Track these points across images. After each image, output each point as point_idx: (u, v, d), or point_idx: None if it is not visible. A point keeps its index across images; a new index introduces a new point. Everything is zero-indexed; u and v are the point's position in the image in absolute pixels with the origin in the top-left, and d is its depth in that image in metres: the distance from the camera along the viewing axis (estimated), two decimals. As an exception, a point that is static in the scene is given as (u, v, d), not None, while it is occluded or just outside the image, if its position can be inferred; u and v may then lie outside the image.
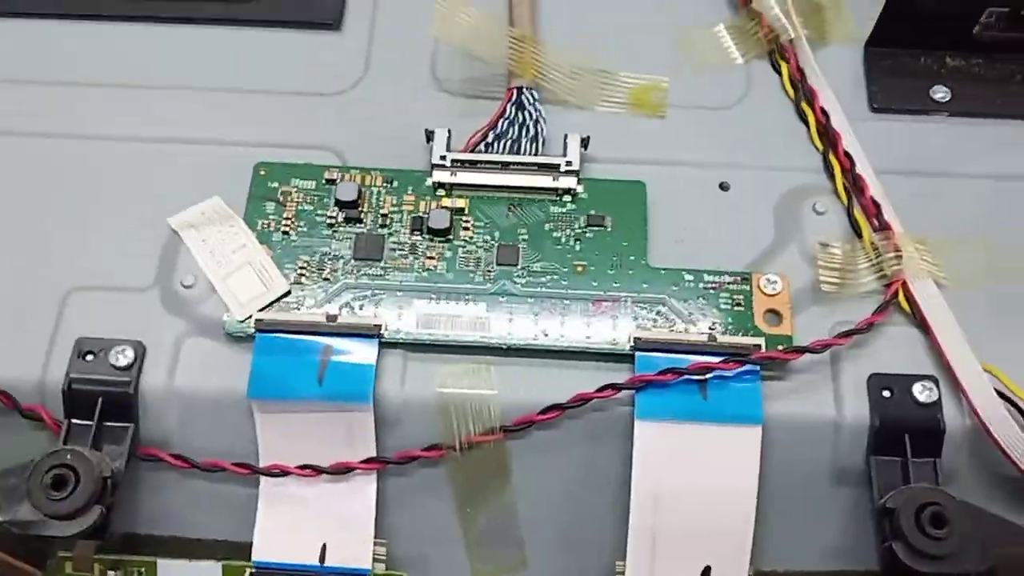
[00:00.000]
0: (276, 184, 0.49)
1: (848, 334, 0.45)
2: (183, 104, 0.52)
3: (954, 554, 0.40)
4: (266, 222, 0.48)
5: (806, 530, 0.46)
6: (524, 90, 0.51)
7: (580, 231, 0.48)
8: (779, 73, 0.54)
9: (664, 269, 0.47)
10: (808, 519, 0.46)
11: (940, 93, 0.53)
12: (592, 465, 0.46)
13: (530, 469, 0.46)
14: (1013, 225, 0.50)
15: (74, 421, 0.43)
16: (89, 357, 0.44)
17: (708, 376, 0.44)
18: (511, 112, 0.51)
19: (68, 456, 0.40)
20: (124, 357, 0.44)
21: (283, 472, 0.45)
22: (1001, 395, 0.44)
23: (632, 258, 0.48)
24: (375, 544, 0.45)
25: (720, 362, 0.44)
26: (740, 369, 0.44)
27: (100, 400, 0.44)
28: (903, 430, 0.44)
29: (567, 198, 0.49)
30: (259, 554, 0.44)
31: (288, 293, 0.46)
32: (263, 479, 0.45)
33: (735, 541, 0.44)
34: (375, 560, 0.45)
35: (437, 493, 0.46)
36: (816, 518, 0.46)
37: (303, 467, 0.45)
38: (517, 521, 0.46)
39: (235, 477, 0.45)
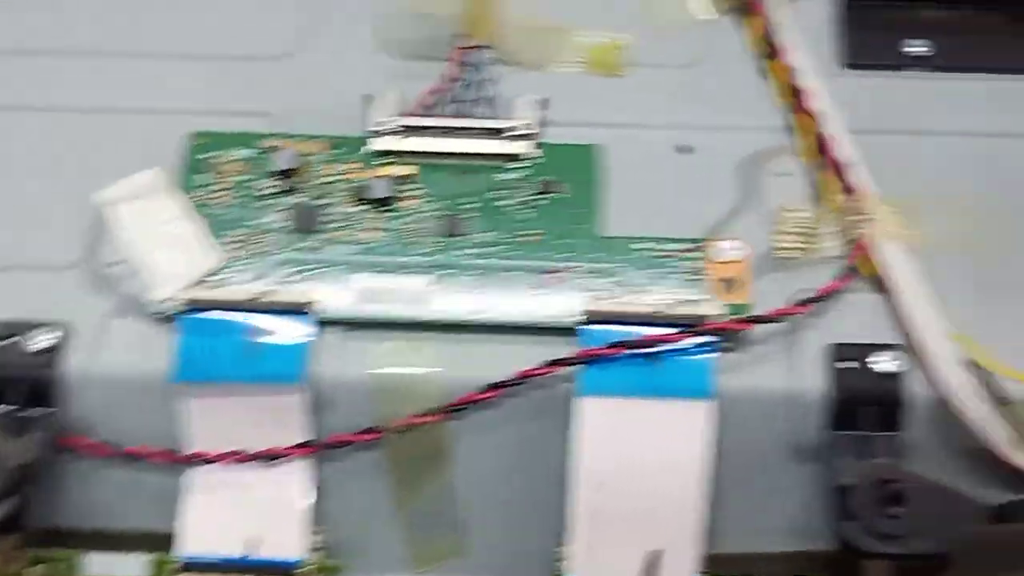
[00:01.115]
0: (211, 154, 0.47)
1: (807, 302, 0.43)
2: (113, 72, 0.50)
3: (911, 534, 0.37)
4: (200, 194, 0.46)
5: (765, 510, 0.43)
6: (474, 50, 0.49)
7: (532, 198, 0.46)
8: (745, 28, 0.51)
9: (618, 237, 0.45)
10: (766, 498, 0.43)
11: (918, 47, 0.50)
12: (538, 445, 0.43)
13: (472, 450, 0.43)
14: (993, 184, 0.47)
15: (-8, 408, 0.42)
16: (8, 340, 0.42)
17: (658, 349, 0.42)
18: (460, 73, 0.48)
19: (-25, 447, 0.38)
20: (46, 339, 0.42)
21: (210, 458, 0.43)
22: (971, 365, 0.41)
23: (585, 226, 0.45)
24: (312, 532, 0.43)
25: (671, 334, 0.42)
26: (692, 341, 0.42)
27: (20, 385, 0.42)
28: (864, 402, 0.42)
29: (519, 164, 0.47)
30: (186, 547, 0.42)
31: (220, 269, 0.44)
32: (190, 468, 0.43)
33: (686, 523, 0.42)
34: (312, 549, 0.43)
35: (377, 477, 0.44)
36: (775, 497, 0.43)
37: (232, 453, 0.43)
38: (459, 505, 0.44)
39: (163, 464, 0.43)
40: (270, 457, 0.43)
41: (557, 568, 0.42)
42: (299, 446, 0.43)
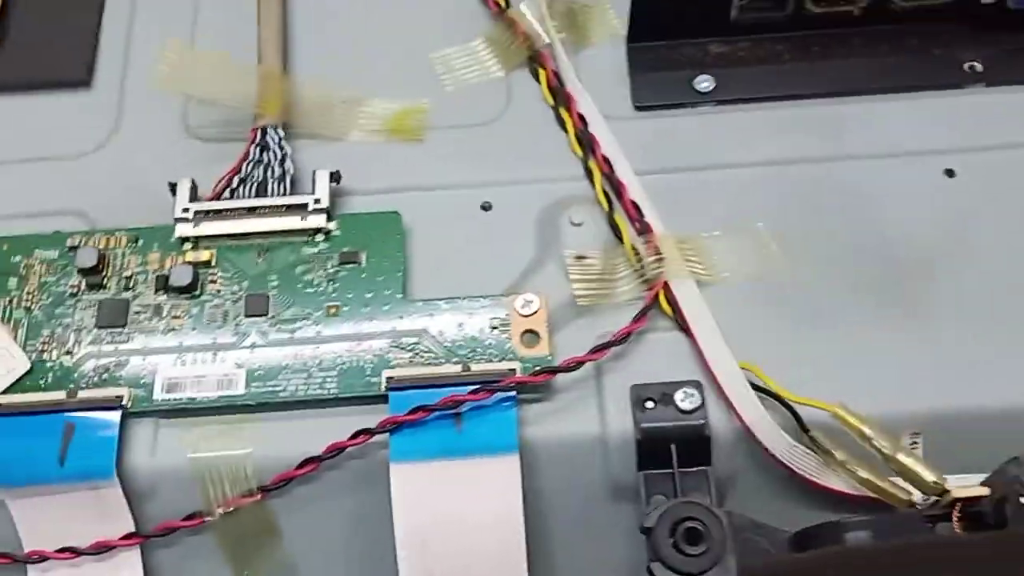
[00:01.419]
0: (19, 257, 0.47)
1: (603, 347, 0.44)
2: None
3: (710, 569, 0.39)
4: (8, 299, 0.46)
5: (590, 552, 0.45)
6: (268, 129, 0.49)
7: (333, 271, 0.47)
8: (539, 82, 0.52)
9: (421, 301, 0.46)
10: (591, 541, 0.45)
11: (704, 82, 0.52)
12: (363, 514, 0.44)
13: (301, 525, 0.44)
14: (784, 210, 0.49)
15: None
16: None
17: (462, 408, 0.43)
18: (255, 154, 0.49)
19: None
20: None
21: (43, 557, 0.43)
22: (763, 390, 0.43)
23: (388, 292, 0.46)
24: (149, 619, 0.44)
25: (471, 392, 0.43)
26: (495, 397, 0.43)
27: None
28: (668, 440, 0.43)
29: (319, 237, 0.47)
30: (30, 647, 0.43)
31: (30, 371, 0.45)
32: (29, 567, 0.43)
33: (511, 573, 0.42)
34: (152, 635, 0.44)
35: (211, 559, 0.44)
36: (599, 539, 0.45)
37: (65, 550, 0.43)
38: (297, 578, 0.45)
39: (6, 566, 0.43)
40: (100, 550, 0.43)
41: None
42: (127, 537, 0.43)
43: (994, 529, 0.38)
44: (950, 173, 0.49)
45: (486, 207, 0.49)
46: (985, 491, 0.39)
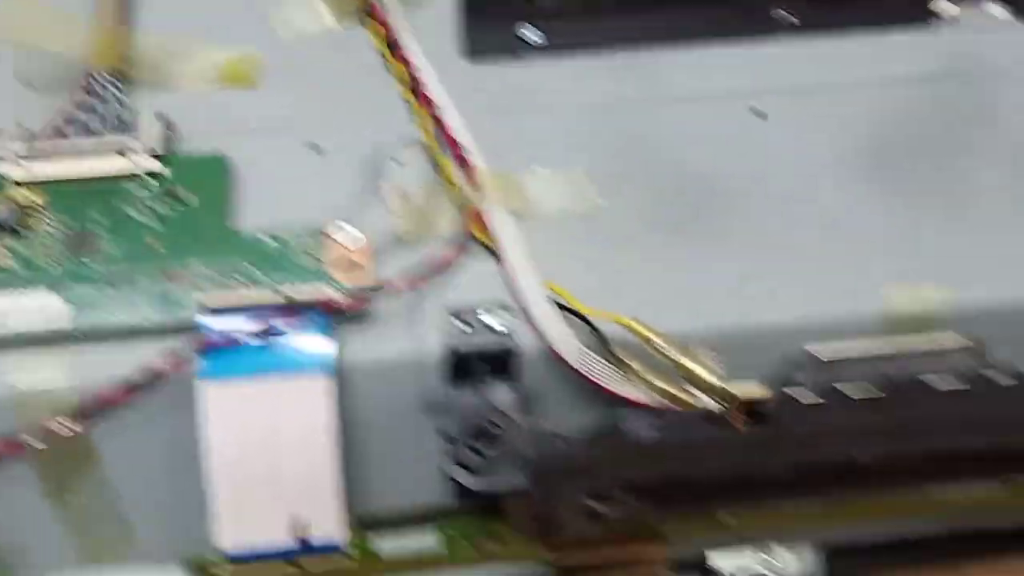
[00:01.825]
0: None
1: (419, 274, 0.46)
2: None
3: (501, 469, 0.40)
4: None
5: (409, 467, 0.46)
6: (98, 76, 0.50)
7: (159, 209, 0.48)
8: (370, 32, 0.54)
9: (243, 235, 0.47)
10: (406, 457, 0.46)
11: (531, 32, 0.54)
12: (181, 436, 0.45)
13: (121, 449, 0.45)
14: (603, 151, 0.51)
15: None
16: None
17: (275, 330, 0.44)
18: (87, 100, 0.50)
19: None
20: None
21: None
22: (566, 309, 0.45)
23: (212, 230, 0.47)
24: (-30, 544, 0.45)
25: (287, 317, 0.44)
26: (311, 320, 0.44)
27: None
28: (479, 358, 0.45)
29: (147, 178, 0.49)
30: None
31: None
32: None
33: (323, 490, 0.44)
34: (-26, 560, 0.45)
35: (32, 487, 0.45)
36: (414, 455, 0.46)
37: None
38: (120, 501, 0.46)
39: None
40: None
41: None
42: (-55, 465, 0.44)
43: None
44: (758, 114, 0.51)
45: (316, 149, 0.51)
46: (764, 393, 0.41)
